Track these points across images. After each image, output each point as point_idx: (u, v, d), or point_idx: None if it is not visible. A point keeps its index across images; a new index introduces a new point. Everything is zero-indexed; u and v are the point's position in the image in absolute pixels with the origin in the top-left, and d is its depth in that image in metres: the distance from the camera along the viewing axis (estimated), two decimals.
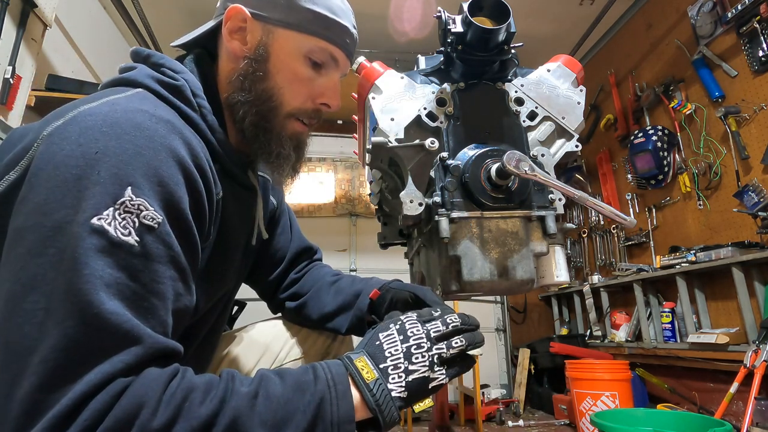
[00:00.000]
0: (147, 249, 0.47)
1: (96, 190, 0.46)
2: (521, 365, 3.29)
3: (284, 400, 0.47)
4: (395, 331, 0.56)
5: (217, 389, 0.45)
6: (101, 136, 0.49)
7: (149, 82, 0.61)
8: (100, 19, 2.88)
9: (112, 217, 0.45)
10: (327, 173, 3.86)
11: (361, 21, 3.56)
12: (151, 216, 0.47)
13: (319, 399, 0.48)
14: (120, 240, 0.45)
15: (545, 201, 0.80)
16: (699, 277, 2.48)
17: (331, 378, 0.50)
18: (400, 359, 0.53)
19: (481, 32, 0.78)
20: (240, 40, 0.69)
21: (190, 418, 0.42)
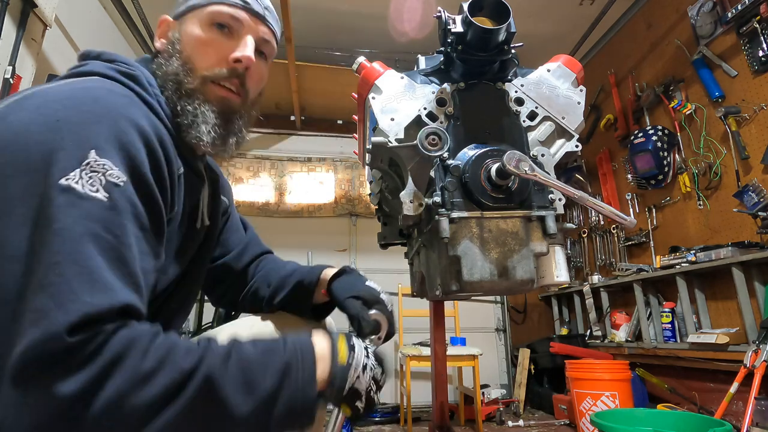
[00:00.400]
0: (115, 203, 0.49)
1: (61, 154, 0.48)
2: (521, 365, 3.29)
3: (255, 361, 0.51)
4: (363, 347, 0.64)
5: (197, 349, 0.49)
6: (61, 107, 0.52)
7: (106, 71, 0.64)
8: (100, 19, 2.88)
9: (79, 176, 0.48)
10: (327, 173, 3.86)
11: (361, 21, 3.55)
12: (116, 174, 0.50)
13: (286, 363, 0.53)
14: (89, 195, 0.48)
15: (545, 201, 0.80)
16: (699, 277, 2.47)
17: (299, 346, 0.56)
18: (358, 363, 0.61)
19: (481, 32, 0.78)
20: (164, 39, 0.77)
21: (173, 368, 0.46)
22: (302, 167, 3.85)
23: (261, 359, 0.52)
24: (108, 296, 0.45)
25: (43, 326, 0.42)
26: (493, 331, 3.74)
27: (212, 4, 0.74)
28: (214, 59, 0.73)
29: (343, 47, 3.42)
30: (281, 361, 0.53)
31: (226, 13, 0.73)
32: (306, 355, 0.56)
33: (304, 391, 0.53)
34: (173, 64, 0.72)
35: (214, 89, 0.73)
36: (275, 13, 0.82)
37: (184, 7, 0.77)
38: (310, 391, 0.54)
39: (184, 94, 0.70)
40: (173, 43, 0.74)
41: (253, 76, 0.76)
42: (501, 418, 2.83)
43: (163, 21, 0.79)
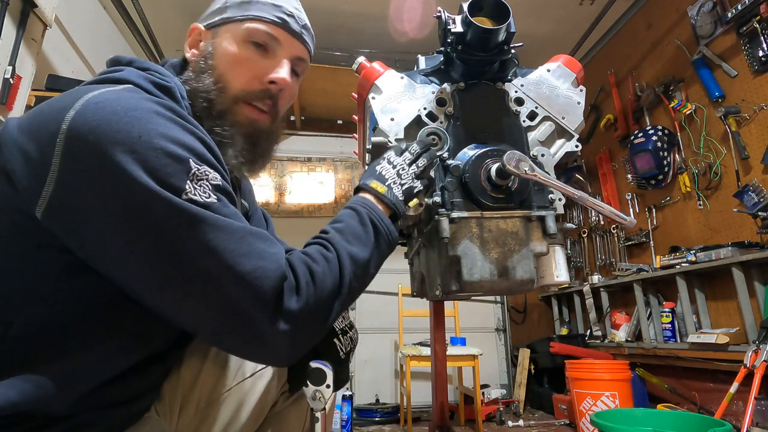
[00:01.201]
0: (225, 201, 0.56)
1: (169, 170, 0.51)
2: (521, 365, 3.29)
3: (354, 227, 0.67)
4: (386, 162, 0.77)
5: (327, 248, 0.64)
6: (132, 120, 0.52)
7: (141, 81, 0.62)
8: (100, 19, 2.88)
9: (192, 186, 0.53)
10: (327, 173, 3.86)
11: (361, 21, 3.55)
12: (214, 176, 0.56)
13: (371, 220, 0.69)
14: (207, 202, 0.53)
15: (545, 201, 0.80)
16: (699, 277, 2.47)
17: (366, 204, 0.71)
18: (395, 178, 0.75)
19: (481, 32, 0.78)
20: (196, 49, 0.75)
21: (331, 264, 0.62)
22: (302, 167, 3.85)
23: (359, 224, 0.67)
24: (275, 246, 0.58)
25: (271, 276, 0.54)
26: (493, 331, 3.74)
27: (249, 20, 0.72)
28: (248, 78, 0.71)
29: (343, 47, 3.42)
30: (369, 219, 0.68)
31: (264, 31, 0.72)
32: (376, 209, 0.70)
33: (387, 226, 0.70)
34: (205, 81, 0.70)
35: (245, 109, 0.72)
36: (311, 30, 0.80)
37: (218, 19, 0.74)
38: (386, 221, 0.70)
39: (214, 115, 0.70)
40: (206, 57, 0.72)
41: (285, 96, 0.75)
42: (501, 418, 2.83)
43: (194, 29, 0.76)
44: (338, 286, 0.61)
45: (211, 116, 0.69)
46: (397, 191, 0.74)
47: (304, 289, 0.57)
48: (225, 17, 0.73)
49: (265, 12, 0.72)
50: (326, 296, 0.59)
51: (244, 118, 0.71)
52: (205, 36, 0.75)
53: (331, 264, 0.61)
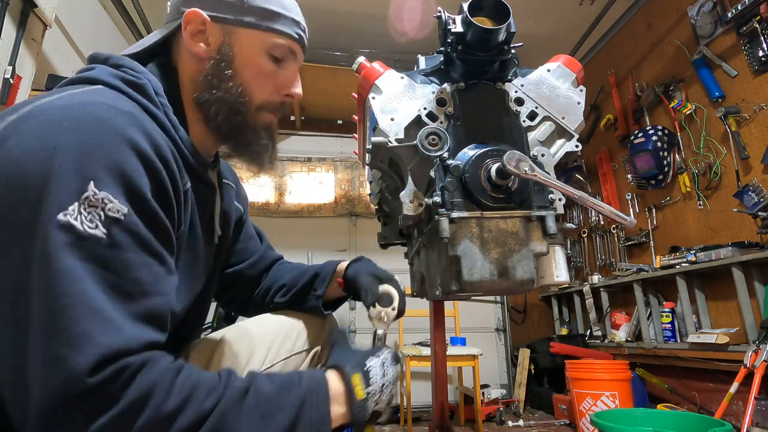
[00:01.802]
0: (115, 240, 0.48)
1: (58, 185, 0.47)
2: (521, 365, 3.29)
3: (272, 397, 0.53)
4: (379, 363, 0.67)
5: (218, 386, 0.51)
6: (60, 130, 0.49)
7: (111, 80, 0.61)
8: (100, 19, 2.88)
9: (78, 212, 0.46)
10: (327, 173, 3.86)
11: (361, 21, 3.55)
12: (116, 208, 0.49)
13: (302, 401, 0.55)
14: (87, 233, 0.46)
15: (545, 201, 0.80)
16: (699, 277, 2.47)
17: (314, 385, 0.58)
18: (377, 390, 0.64)
19: (481, 32, 0.78)
20: (203, 42, 0.71)
21: (195, 408, 0.47)
22: (302, 167, 3.85)
23: (277, 395, 0.54)
24: (122, 335, 0.45)
25: (61, 372, 0.42)
26: (493, 331, 3.73)
27: (273, 32, 0.72)
28: (270, 91, 0.74)
29: (343, 47, 3.42)
30: (297, 397, 0.55)
31: (286, 46, 0.74)
32: (321, 392, 0.58)
33: (318, 429, 0.55)
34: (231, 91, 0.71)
35: (266, 116, 0.75)
36: None
37: (233, 18, 0.71)
38: (324, 426, 0.56)
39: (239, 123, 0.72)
40: (225, 59, 0.70)
41: None
42: (501, 418, 2.83)
43: (197, 16, 0.70)
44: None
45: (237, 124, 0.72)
46: (370, 405, 0.62)
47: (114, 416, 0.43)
48: (246, 21, 0.71)
49: (289, 27, 0.74)
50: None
51: (263, 123, 0.75)
52: (211, 29, 0.71)
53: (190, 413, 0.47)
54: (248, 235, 1.01)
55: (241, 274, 0.99)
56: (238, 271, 0.98)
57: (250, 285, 1.01)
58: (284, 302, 0.98)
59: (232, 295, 1.02)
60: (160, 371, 0.47)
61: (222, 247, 0.86)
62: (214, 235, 0.80)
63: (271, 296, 1.00)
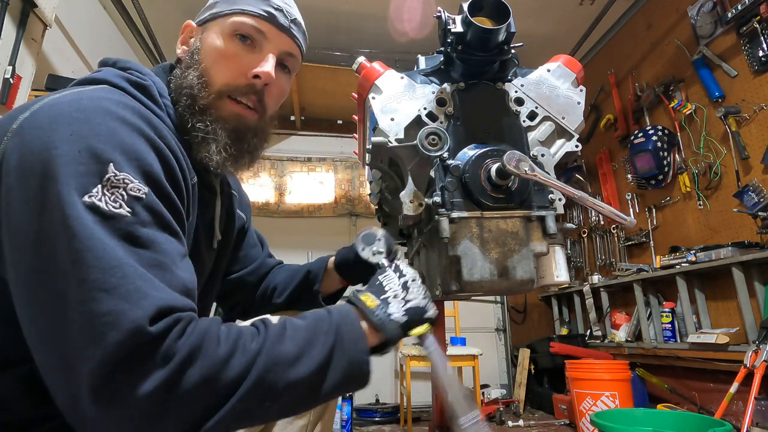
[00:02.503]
0: (140, 217, 0.49)
1: (81, 168, 0.48)
2: (521, 365, 3.29)
3: (308, 328, 0.55)
4: (391, 271, 0.67)
5: (259, 332, 0.52)
6: (72, 121, 0.51)
7: (117, 80, 0.62)
8: (100, 19, 2.88)
9: (101, 193, 0.48)
10: (327, 173, 3.86)
11: (361, 21, 3.53)
12: (137, 187, 0.50)
13: (336, 325, 0.56)
14: (113, 212, 0.48)
15: (545, 201, 0.80)
16: (699, 277, 2.47)
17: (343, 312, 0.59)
18: (398, 291, 0.64)
19: (481, 32, 0.78)
20: (186, 45, 0.75)
21: (244, 351, 0.49)
22: (302, 167, 3.85)
23: (314, 324, 0.55)
24: (170, 294, 0.48)
25: (123, 326, 0.43)
26: (493, 331, 3.74)
27: (236, 14, 0.71)
28: (232, 73, 0.69)
29: (343, 47, 3.42)
30: (332, 326, 0.56)
31: (250, 24, 0.70)
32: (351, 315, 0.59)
33: (356, 345, 0.55)
34: (189, 77, 0.69)
35: (229, 105, 0.70)
36: (303, 26, 0.79)
37: (208, 15, 0.74)
38: (361, 344, 0.56)
39: (197, 110, 0.68)
40: (193, 52, 0.72)
41: (272, 92, 0.73)
42: (501, 418, 2.83)
43: (187, 26, 0.76)
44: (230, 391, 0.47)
45: (194, 111, 0.68)
46: (396, 308, 0.61)
47: (175, 366, 0.44)
48: (214, 12, 0.73)
49: (252, 6, 0.71)
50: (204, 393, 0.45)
51: (228, 113, 0.70)
52: (195, 32, 0.75)
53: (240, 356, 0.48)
54: (250, 243, 1.02)
55: (242, 281, 1.00)
56: (239, 278, 1.00)
57: (250, 291, 1.02)
58: (283, 302, 0.99)
59: (233, 302, 1.03)
60: (207, 324, 0.49)
61: (222, 252, 0.86)
62: (213, 239, 0.80)
63: (267, 299, 1.01)
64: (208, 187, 0.75)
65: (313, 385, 0.52)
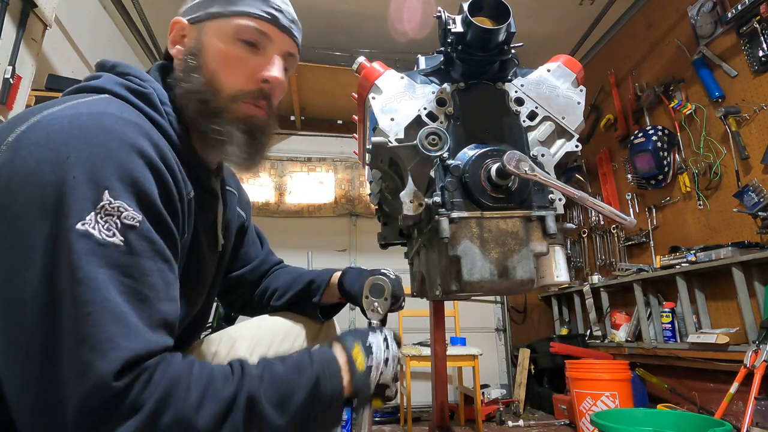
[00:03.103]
0: (132, 246, 0.50)
1: (75, 195, 0.48)
2: (521, 365, 3.29)
3: (287, 379, 0.55)
4: (381, 340, 0.68)
5: (233, 374, 0.53)
6: (70, 140, 0.50)
7: (117, 89, 0.62)
8: (100, 19, 2.88)
9: (95, 221, 0.48)
10: (327, 173, 3.86)
11: (361, 21, 3.53)
12: (131, 216, 0.50)
13: (316, 378, 0.57)
14: (106, 240, 0.48)
15: (545, 201, 0.80)
16: (699, 277, 2.47)
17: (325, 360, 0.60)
18: (380, 363, 0.65)
19: (481, 32, 0.78)
20: (180, 45, 0.73)
21: (217, 397, 0.49)
22: (302, 167, 3.85)
23: (292, 376, 0.56)
24: (143, 340, 0.47)
25: (90, 379, 0.43)
26: (493, 331, 3.74)
27: (238, 15, 0.69)
28: (242, 78, 0.70)
29: (343, 47, 3.42)
30: (311, 376, 0.57)
31: (254, 28, 0.70)
32: (333, 368, 0.60)
33: (332, 401, 0.58)
34: (196, 81, 0.68)
35: (241, 106, 0.70)
36: (300, 24, 0.79)
37: (203, 13, 0.71)
38: (338, 399, 0.59)
39: (210, 114, 0.68)
40: (194, 54, 0.70)
41: (277, 92, 0.74)
42: (501, 418, 2.83)
43: (176, 23, 0.73)
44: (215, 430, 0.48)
45: (207, 115, 0.68)
46: (373, 379, 0.63)
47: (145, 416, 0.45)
48: (211, 12, 0.70)
49: (254, 7, 0.70)
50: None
51: (241, 115, 0.70)
52: (189, 31, 0.72)
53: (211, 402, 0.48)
54: (250, 240, 1.02)
55: (243, 279, 1.01)
56: (240, 276, 1.00)
57: (250, 288, 1.03)
58: (281, 305, 0.99)
59: (233, 298, 1.04)
60: (176, 369, 0.49)
61: (224, 255, 0.87)
62: (217, 243, 0.81)
63: (266, 300, 1.01)
64: (209, 191, 0.75)
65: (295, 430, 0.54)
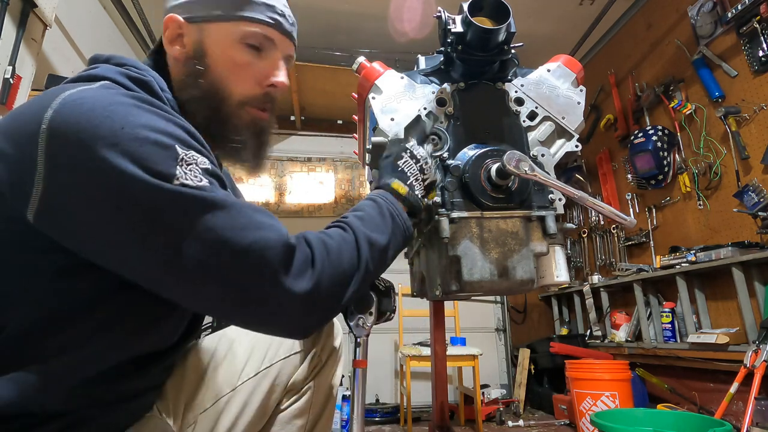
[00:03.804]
0: (214, 184, 0.55)
1: (156, 158, 0.51)
2: (521, 365, 3.29)
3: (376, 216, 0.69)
4: (408, 156, 0.78)
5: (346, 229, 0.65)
6: (110, 113, 0.51)
7: (117, 77, 0.61)
8: (100, 19, 2.88)
9: (182, 171, 0.52)
10: (327, 173, 3.86)
11: (361, 21, 3.53)
12: (203, 160, 0.55)
13: (389, 213, 0.70)
14: (198, 185, 0.53)
15: (545, 201, 0.80)
16: (699, 277, 2.47)
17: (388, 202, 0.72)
18: (417, 174, 0.77)
19: (481, 32, 0.78)
20: (179, 45, 0.71)
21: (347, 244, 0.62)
22: (302, 167, 3.85)
23: (375, 213, 0.69)
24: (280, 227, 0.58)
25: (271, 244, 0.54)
26: (493, 331, 3.74)
27: (243, 20, 0.70)
28: (250, 83, 0.71)
29: (343, 47, 3.42)
30: (387, 212, 0.70)
31: (260, 33, 0.71)
32: (393, 203, 0.72)
33: (405, 221, 0.71)
34: (204, 88, 0.69)
35: (249, 111, 0.72)
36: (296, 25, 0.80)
37: (204, 14, 0.70)
38: (407, 222, 0.72)
39: (221, 121, 0.70)
40: (197, 57, 0.70)
41: (280, 94, 0.76)
42: (501, 418, 2.83)
43: (173, 21, 0.71)
44: (355, 265, 0.62)
45: (219, 122, 0.70)
46: (419, 190, 0.76)
47: (320, 261, 0.58)
48: (214, 14, 0.70)
49: (259, 13, 0.71)
50: (342, 271, 0.60)
51: (248, 119, 0.72)
52: (187, 30, 0.71)
53: (348, 243, 0.62)
54: None
55: None
56: None
57: None
58: None
59: None
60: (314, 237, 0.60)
61: None
62: None
63: None
64: None
65: (389, 249, 0.67)
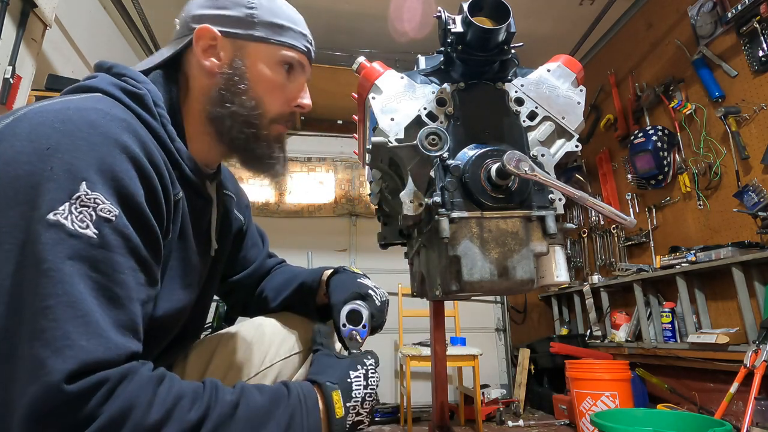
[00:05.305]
0: (106, 240, 0.48)
1: (50, 185, 0.46)
2: (521, 365, 3.29)
3: (262, 411, 0.53)
4: (362, 375, 0.67)
5: (203, 397, 0.49)
6: (53, 132, 0.49)
7: (110, 89, 0.62)
8: (100, 19, 2.88)
9: (68, 211, 0.46)
10: (327, 173, 3.86)
11: (361, 21, 3.54)
12: (107, 209, 0.48)
13: (291, 412, 0.55)
14: (78, 232, 0.46)
15: (545, 201, 0.80)
16: (699, 277, 2.47)
17: (302, 395, 0.58)
18: (358, 404, 0.64)
19: (481, 32, 0.78)
20: (214, 57, 0.72)
21: (180, 421, 0.46)
22: (302, 167, 3.85)
23: (267, 409, 0.53)
24: (105, 342, 0.44)
25: (41, 379, 0.41)
26: (493, 331, 3.73)
27: (285, 47, 0.74)
28: (281, 103, 0.77)
29: (343, 47, 3.42)
30: (287, 411, 0.55)
31: (296, 59, 0.76)
32: (310, 402, 0.58)
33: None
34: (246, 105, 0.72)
35: (276, 127, 0.78)
36: None
37: (243, 33, 0.71)
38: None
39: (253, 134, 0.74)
40: (239, 76, 0.71)
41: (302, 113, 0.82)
42: (501, 418, 2.83)
43: (208, 32, 0.70)
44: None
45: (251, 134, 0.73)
46: (350, 420, 0.63)
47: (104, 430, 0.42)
48: (256, 35, 0.72)
49: (297, 41, 0.76)
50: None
51: (276, 134, 0.78)
52: (222, 44, 0.71)
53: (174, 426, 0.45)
54: (249, 243, 1.02)
55: (241, 283, 1.01)
56: (238, 280, 1.01)
57: (249, 291, 1.04)
58: (276, 308, 0.99)
59: (233, 301, 1.06)
60: (140, 383, 0.45)
61: (219, 259, 0.87)
62: (210, 248, 0.81)
63: (262, 302, 1.01)
64: (202, 196, 0.75)
65: None
